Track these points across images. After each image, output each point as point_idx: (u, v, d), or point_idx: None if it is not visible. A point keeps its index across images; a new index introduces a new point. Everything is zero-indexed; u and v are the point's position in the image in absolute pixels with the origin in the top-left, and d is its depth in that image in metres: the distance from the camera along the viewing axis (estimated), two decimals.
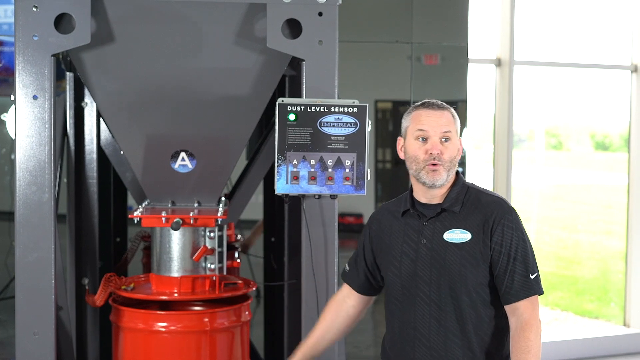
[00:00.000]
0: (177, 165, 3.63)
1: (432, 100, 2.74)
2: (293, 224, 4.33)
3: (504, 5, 6.46)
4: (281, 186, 3.27)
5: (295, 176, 3.27)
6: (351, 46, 5.56)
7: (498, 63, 6.54)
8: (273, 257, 4.79)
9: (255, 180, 4.21)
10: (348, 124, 3.27)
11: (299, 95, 3.42)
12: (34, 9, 3.27)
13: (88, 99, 4.28)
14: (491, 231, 2.65)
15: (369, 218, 2.91)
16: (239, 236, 5.04)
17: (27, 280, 3.33)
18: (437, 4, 6.23)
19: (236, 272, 4.66)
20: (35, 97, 3.31)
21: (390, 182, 7.12)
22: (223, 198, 3.88)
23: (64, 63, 4.15)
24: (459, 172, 2.78)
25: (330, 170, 3.27)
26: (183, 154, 3.61)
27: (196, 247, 3.66)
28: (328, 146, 3.27)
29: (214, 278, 3.67)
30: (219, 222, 3.64)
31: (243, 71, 3.50)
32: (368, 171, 3.29)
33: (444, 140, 2.68)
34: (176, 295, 3.65)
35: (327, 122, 3.27)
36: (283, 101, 3.27)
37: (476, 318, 2.67)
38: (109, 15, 3.38)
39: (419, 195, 2.75)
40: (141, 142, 3.60)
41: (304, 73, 3.37)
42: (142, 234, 4.57)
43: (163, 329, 3.57)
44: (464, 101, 6.14)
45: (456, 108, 2.77)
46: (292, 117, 3.26)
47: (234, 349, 3.72)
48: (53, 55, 3.30)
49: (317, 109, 3.26)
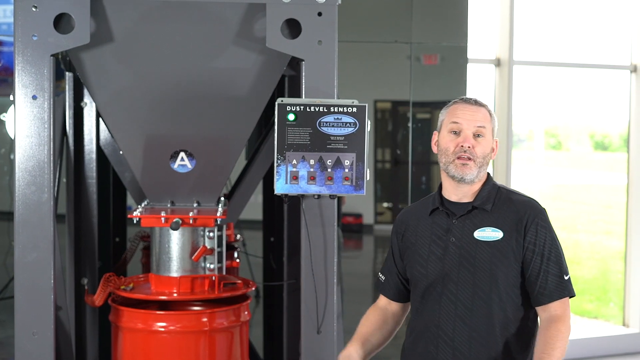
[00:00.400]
0: (177, 165, 3.63)
1: (471, 97, 2.72)
2: (292, 224, 4.33)
3: (504, 5, 6.46)
4: (280, 186, 3.27)
5: (294, 176, 3.26)
6: (350, 46, 5.56)
7: (497, 63, 6.53)
8: (272, 257, 4.78)
9: (254, 180, 4.21)
10: (347, 124, 3.27)
11: (299, 95, 3.41)
12: (34, 9, 3.27)
13: (87, 99, 4.28)
14: (525, 230, 2.61)
15: (394, 223, 2.88)
16: (238, 236, 5.04)
17: (26, 280, 3.32)
18: (437, 4, 6.23)
19: (235, 272, 4.66)
20: (34, 97, 3.30)
21: (389, 182, 7.12)
22: (222, 198, 3.88)
23: (64, 63, 4.15)
24: (489, 174, 2.75)
25: (329, 170, 3.26)
26: (182, 154, 3.61)
27: (195, 247, 3.66)
28: (327, 146, 3.26)
29: (213, 278, 3.67)
30: (218, 222, 3.64)
31: (242, 71, 3.50)
32: (367, 171, 3.29)
33: (478, 135, 2.65)
34: (175, 295, 3.65)
35: (327, 122, 3.26)
36: (282, 101, 3.27)
37: (504, 319, 2.62)
38: (109, 15, 3.38)
39: (449, 193, 2.72)
40: (140, 142, 3.60)
41: (304, 73, 3.36)
42: (142, 234, 4.57)
43: (162, 329, 3.56)
44: None
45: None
46: (292, 117, 3.25)
47: (233, 349, 3.71)
48: (52, 55, 3.29)
49: (317, 109, 3.26)
